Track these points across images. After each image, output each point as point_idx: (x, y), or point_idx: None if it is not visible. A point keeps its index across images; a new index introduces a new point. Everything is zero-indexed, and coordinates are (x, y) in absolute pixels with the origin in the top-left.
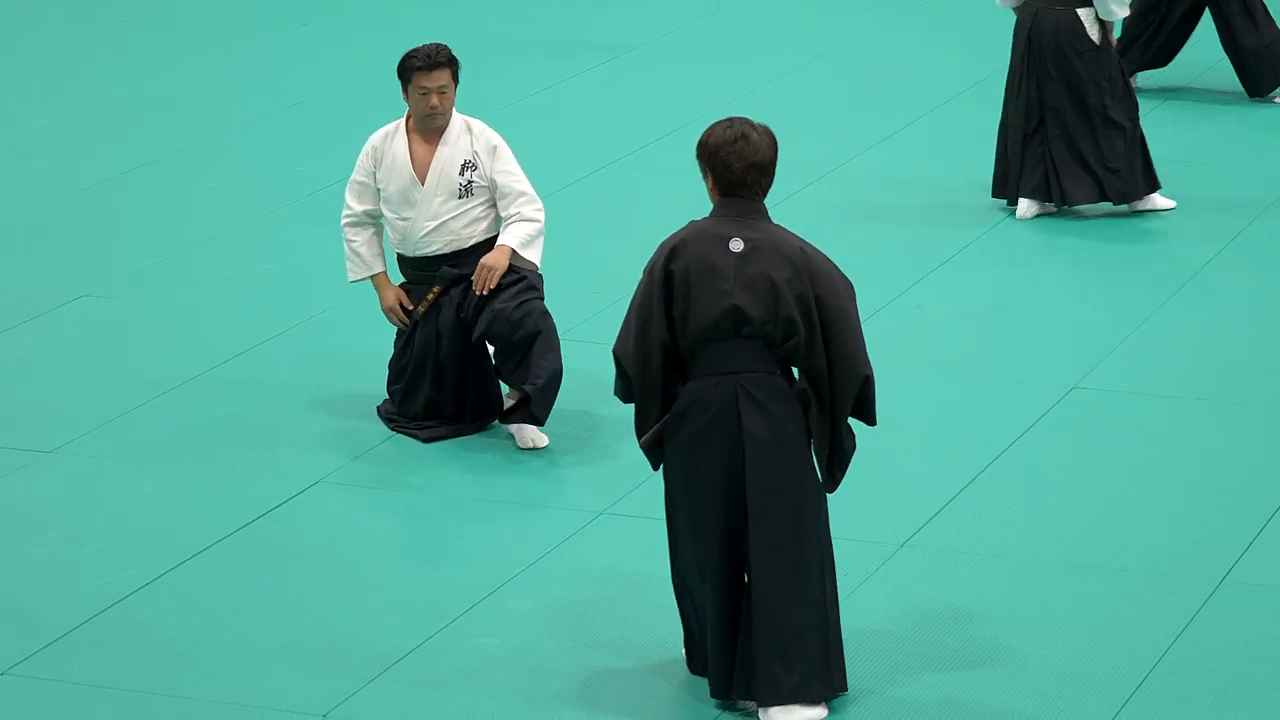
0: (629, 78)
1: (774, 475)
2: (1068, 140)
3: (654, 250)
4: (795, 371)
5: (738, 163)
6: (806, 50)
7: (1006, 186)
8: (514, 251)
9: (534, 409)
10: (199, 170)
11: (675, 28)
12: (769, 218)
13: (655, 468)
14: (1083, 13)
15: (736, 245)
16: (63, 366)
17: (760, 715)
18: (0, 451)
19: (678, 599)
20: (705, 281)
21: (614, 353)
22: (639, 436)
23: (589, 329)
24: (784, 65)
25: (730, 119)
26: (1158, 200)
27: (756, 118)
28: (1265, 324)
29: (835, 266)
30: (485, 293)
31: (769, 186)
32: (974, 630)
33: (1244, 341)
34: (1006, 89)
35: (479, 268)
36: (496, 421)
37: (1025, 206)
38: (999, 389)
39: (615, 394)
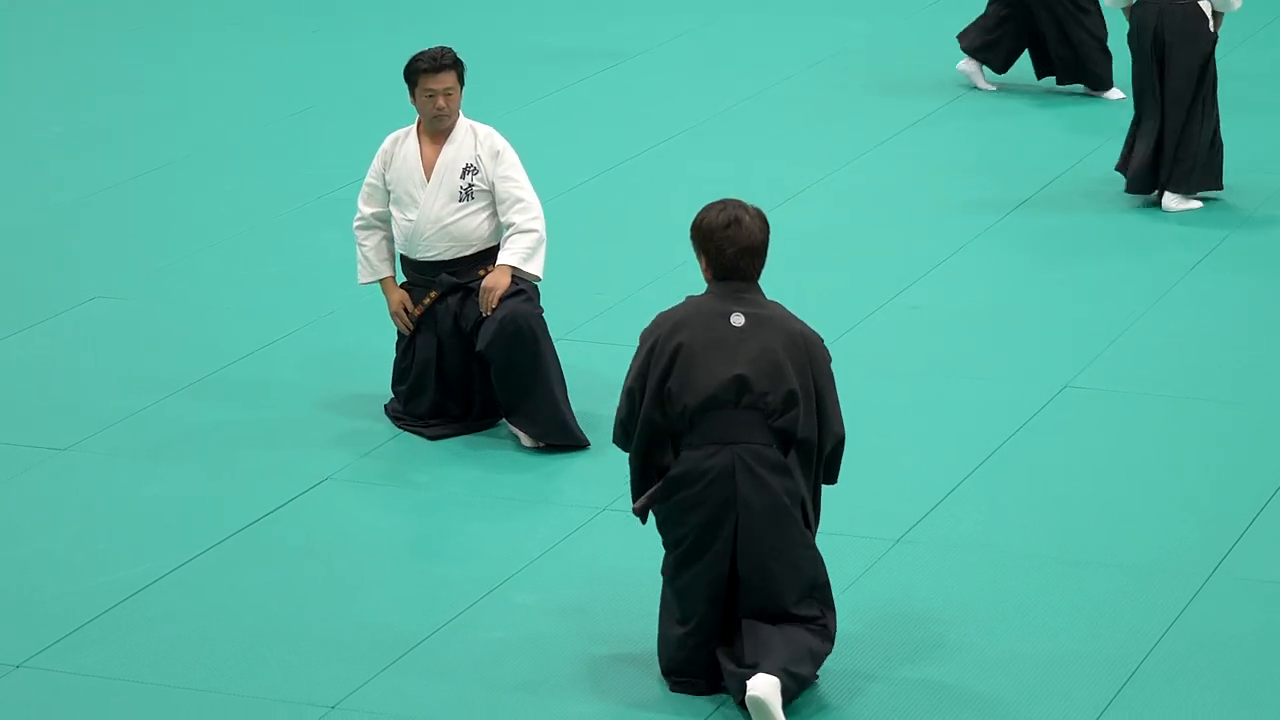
0: (630, 84)
1: (767, 543)
2: (1178, 130)
3: (651, 320)
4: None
5: (730, 248)
6: (802, 58)
7: (1154, 181)
8: (515, 268)
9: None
10: (210, 174)
11: (675, 36)
12: (764, 295)
13: (645, 522)
14: (1204, 5)
15: (738, 320)
16: (77, 366)
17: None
18: (15, 449)
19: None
20: (709, 354)
21: (618, 418)
22: (634, 499)
23: (590, 329)
24: (780, 72)
25: (723, 202)
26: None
27: (753, 123)
28: (1251, 325)
29: (818, 336)
30: (489, 312)
31: (762, 268)
32: (967, 624)
33: (1231, 342)
34: (1142, 87)
35: (482, 290)
36: (501, 420)
37: (1174, 200)
38: (993, 388)
39: (614, 442)
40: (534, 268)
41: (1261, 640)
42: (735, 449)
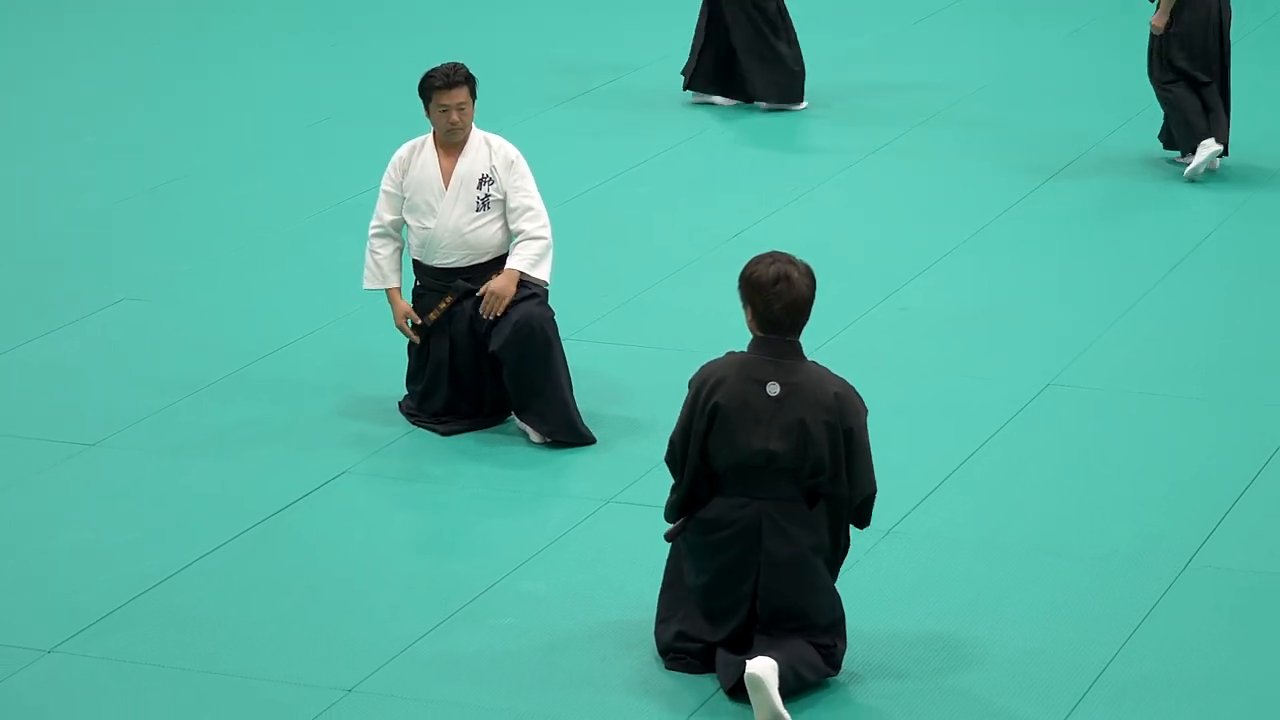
0: (635, 95)
1: (788, 595)
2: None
3: (695, 371)
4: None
5: (778, 303)
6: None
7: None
8: (523, 273)
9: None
10: (232, 182)
11: (677, 49)
12: (804, 356)
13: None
14: None
15: (773, 389)
16: (106, 365)
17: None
18: (47, 444)
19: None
20: (742, 421)
21: (671, 438)
22: (668, 519)
23: (596, 330)
24: None
25: (773, 255)
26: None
27: (753, 128)
28: (1223, 327)
29: (857, 395)
30: (492, 319)
31: (805, 323)
32: (951, 612)
33: (1203, 343)
34: (1195, 50)
35: (487, 295)
36: (510, 416)
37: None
38: (978, 386)
39: (665, 460)
40: (541, 273)
41: (1235, 627)
42: (764, 504)
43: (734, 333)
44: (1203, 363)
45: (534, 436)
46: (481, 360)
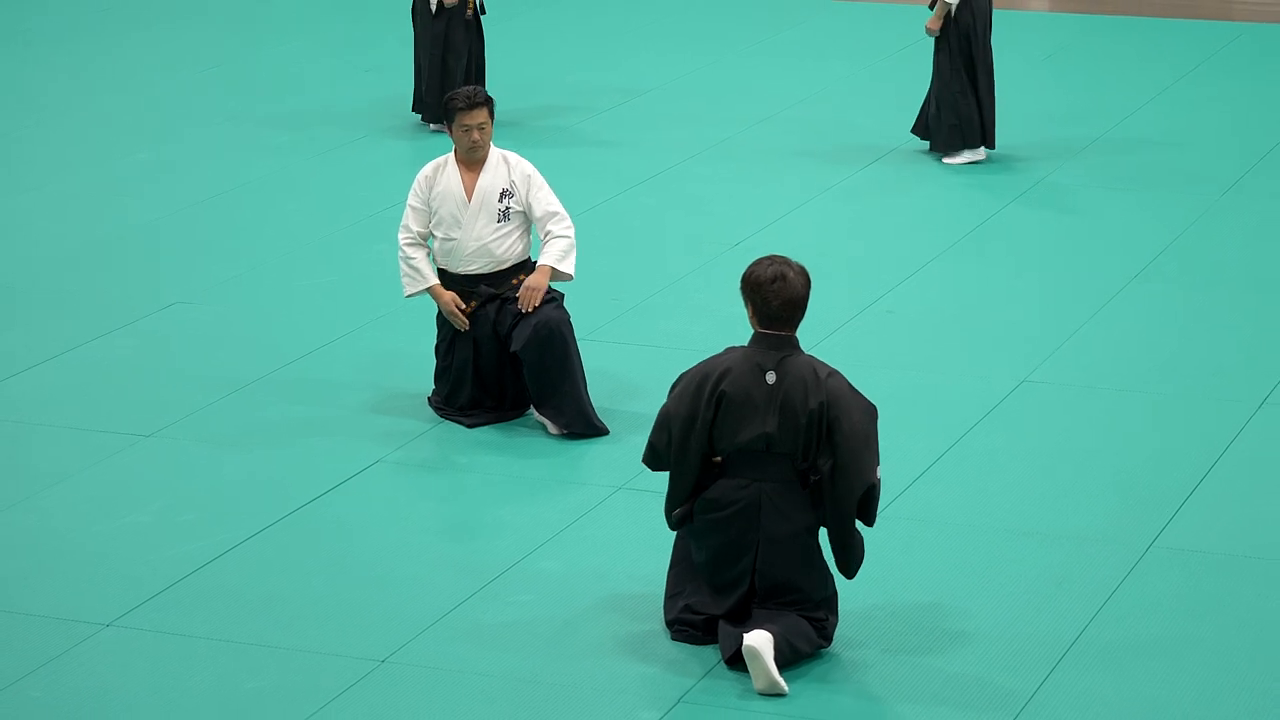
0: (642, 116)
1: (783, 570)
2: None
3: (698, 362)
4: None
5: (775, 300)
6: (793, 94)
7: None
8: (553, 267)
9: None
10: (274, 195)
11: (682, 74)
12: (799, 348)
13: (674, 530)
14: None
15: (771, 378)
16: (159, 363)
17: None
18: (106, 435)
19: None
20: (744, 407)
21: (651, 442)
22: (668, 512)
23: (608, 331)
24: (775, 105)
25: (771, 258)
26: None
27: (750, 147)
28: (1185, 328)
29: (857, 392)
30: (530, 310)
31: (801, 318)
32: (934, 590)
33: (1168, 342)
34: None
35: (524, 289)
36: (530, 410)
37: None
38: (959, 382)
39: (643, 462)
40: (567, 266)
41: (1193, 603)
42: (763, 485)
43: (735, 332)
44: (1164, 361)
45: (552, 429)
46: (503, 359)
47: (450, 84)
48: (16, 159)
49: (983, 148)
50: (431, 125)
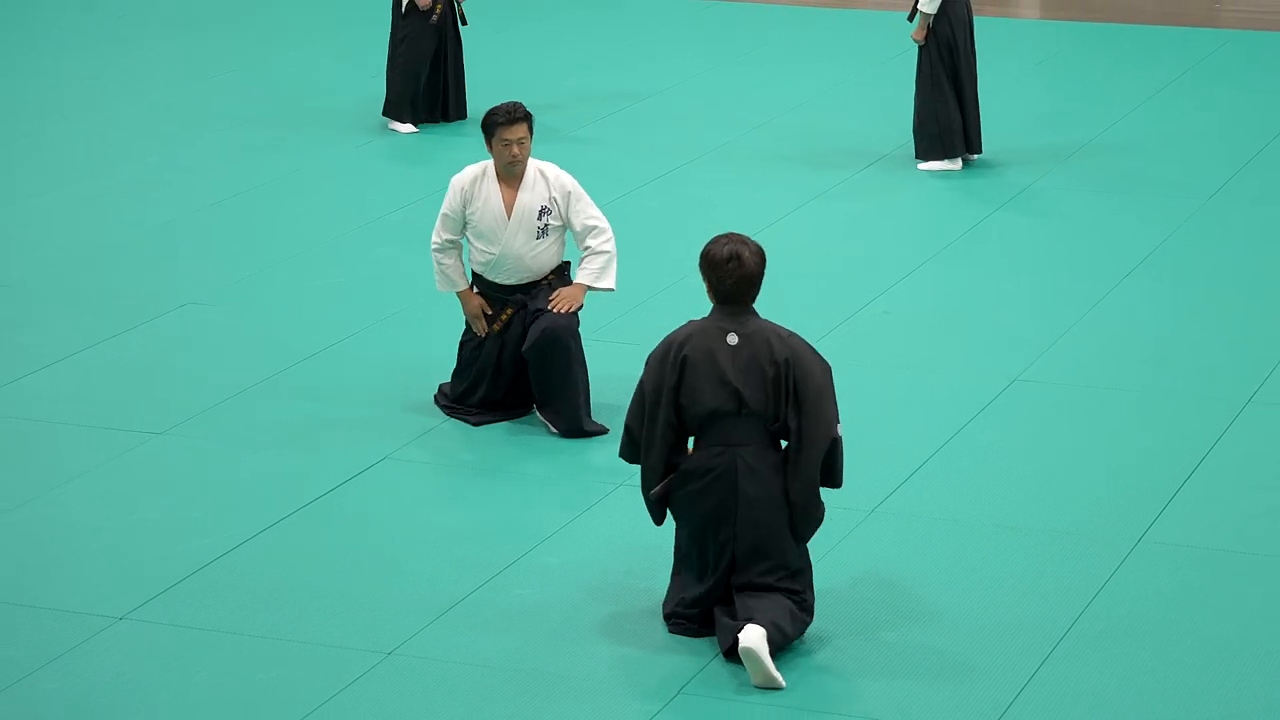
0: (642, 121)
1: (762, 532)
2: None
3: (659, 340)
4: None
5: (729, 279)
6: (789, 100)
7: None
8: (589, 285)
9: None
10: (285, 198)
11: (679, 80)
12: (757, 315)
13: (658, 523)
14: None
15: (732, 339)
16: (172, 362)
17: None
18: (120, 433)
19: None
20: (709, 369)
21: (627, 425)
22: (644, 492)
23: (612, 330)
24: (772, 110)
25: (727, 236)
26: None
27: (749, 152)
28: (1172, 329)
29: (813, 350)
30: (566, 311)
31: (756, 294)
32: (929, 585)
33: (1156, 342)
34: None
35: (558, 296)
36: (534, 410)
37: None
38: (952, 380)
39: (620, 455)
40: (605, 283)
41: (1182, 597)
42: (738, 450)
43: None
44: (1152, 360)
45: (552, 429)
46: (522, 364)
47: (416, 88)
48: (35, 162)
49: (959, 158)
50: (392, 124)
